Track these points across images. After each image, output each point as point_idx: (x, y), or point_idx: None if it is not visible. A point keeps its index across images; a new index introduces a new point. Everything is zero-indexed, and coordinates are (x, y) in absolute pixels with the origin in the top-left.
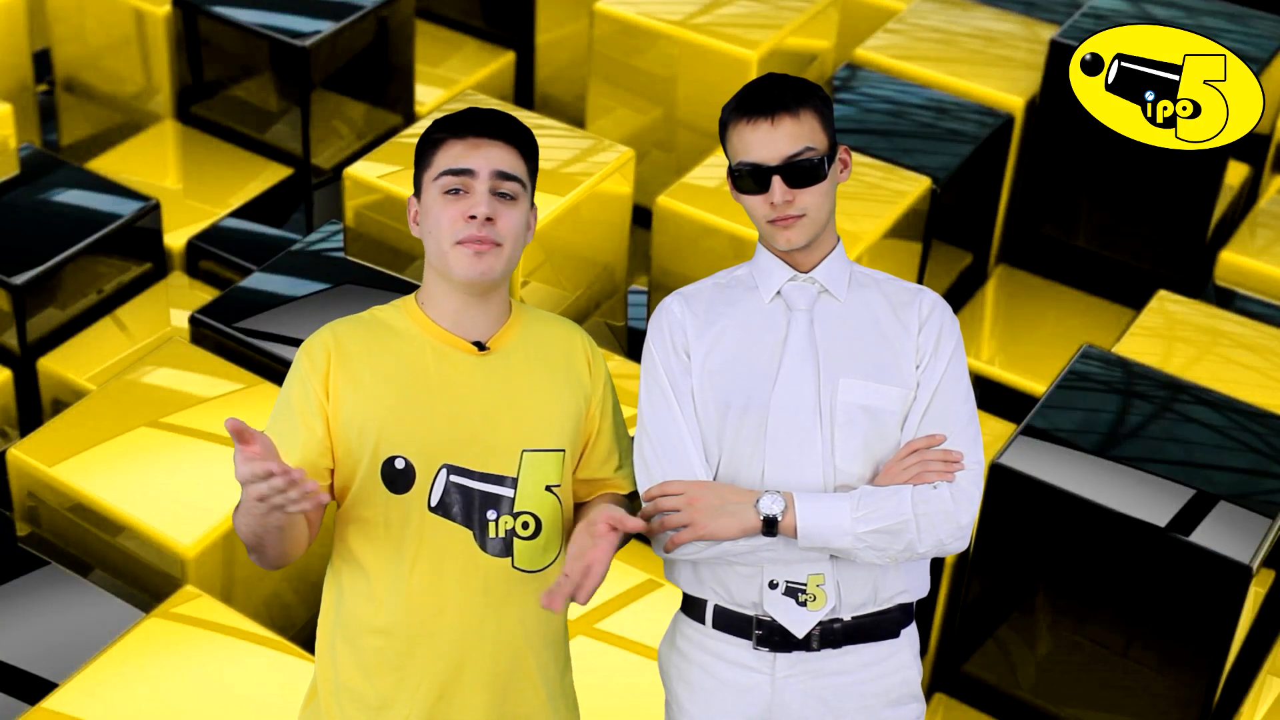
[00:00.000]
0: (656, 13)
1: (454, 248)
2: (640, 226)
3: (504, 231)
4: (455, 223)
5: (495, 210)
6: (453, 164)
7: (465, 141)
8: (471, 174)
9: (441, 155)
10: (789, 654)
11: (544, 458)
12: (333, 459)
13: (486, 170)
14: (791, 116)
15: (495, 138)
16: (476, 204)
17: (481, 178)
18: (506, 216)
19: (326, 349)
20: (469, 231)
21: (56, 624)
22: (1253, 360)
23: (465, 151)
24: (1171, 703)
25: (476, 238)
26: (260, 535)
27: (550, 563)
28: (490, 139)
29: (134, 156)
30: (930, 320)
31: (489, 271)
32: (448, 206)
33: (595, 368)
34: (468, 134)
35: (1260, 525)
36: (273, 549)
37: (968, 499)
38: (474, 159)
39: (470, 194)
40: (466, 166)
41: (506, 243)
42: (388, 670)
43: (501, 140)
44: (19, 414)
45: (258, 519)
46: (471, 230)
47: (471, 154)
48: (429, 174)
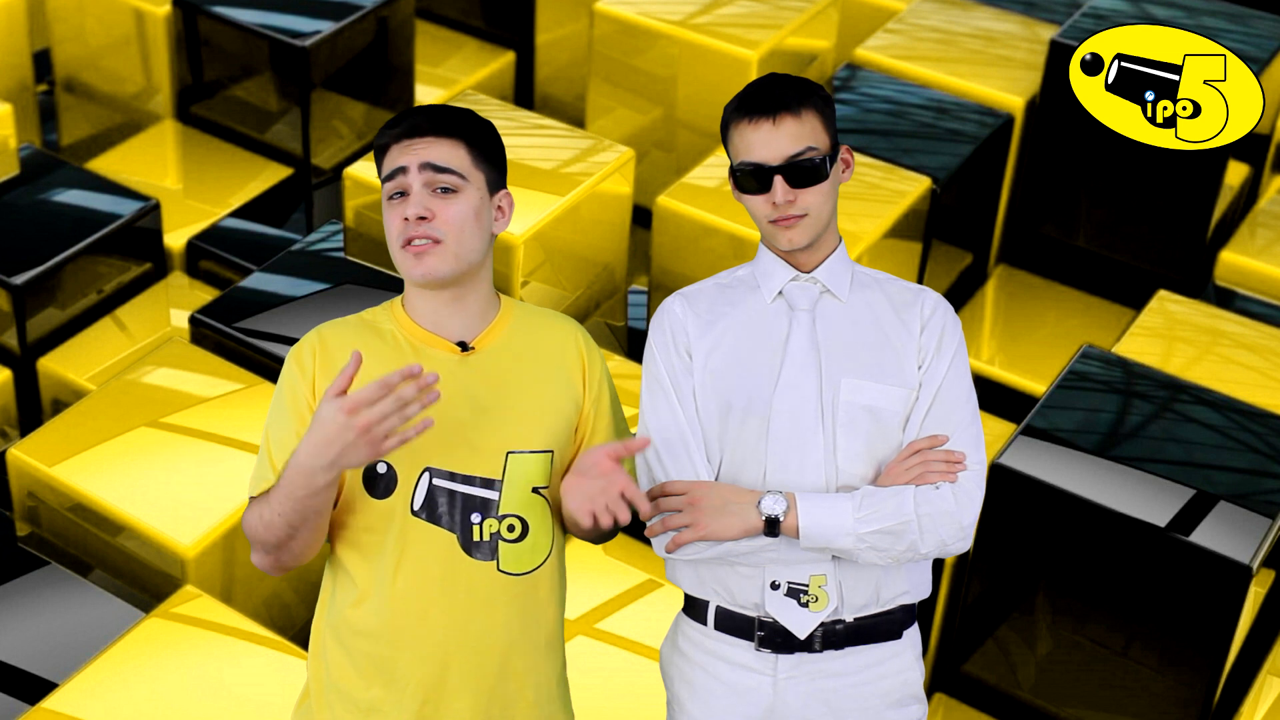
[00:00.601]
0: (656, 13)
1: (400, 251)
2: (640, 226)
3: (443, 225)
4: (396, 226)
5: (430, 206)
6: (389, 167)
7: (399, 144)
8: (404, 171)
9: (384, 161)
10: (791, 655)
11: (530, 459)
12: None
13: (415, 166)
14: (793, 116)
15: (426, 134)
16: (410, 204)
17: (412, 174)
18: (445, 209)
19: (313, 352)
20: (408, 232)
21: (56, 624)
22: (1253, 360)
23: (398, 153)
24: (1171, 703)
25: (411, 237)
26: (304, 518)
27: (537, 566)
28: (421, 136)
29: (134, 156)
30: (932, 320)
31: (432, 270)
32: (392, 211)
33: (590, 366)
34: (400, 136)
35: (1260, 525)
36: (305, 535)
37: (970, 500)
38: (405, 158)
39: (407, 194)
40: (397, 166)
41: (449, 236)
42: (375, 673)
43: (434, 135)
44: (19, 414)
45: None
46: (409, 231)
47: (402, 154)
48: (382, 184)
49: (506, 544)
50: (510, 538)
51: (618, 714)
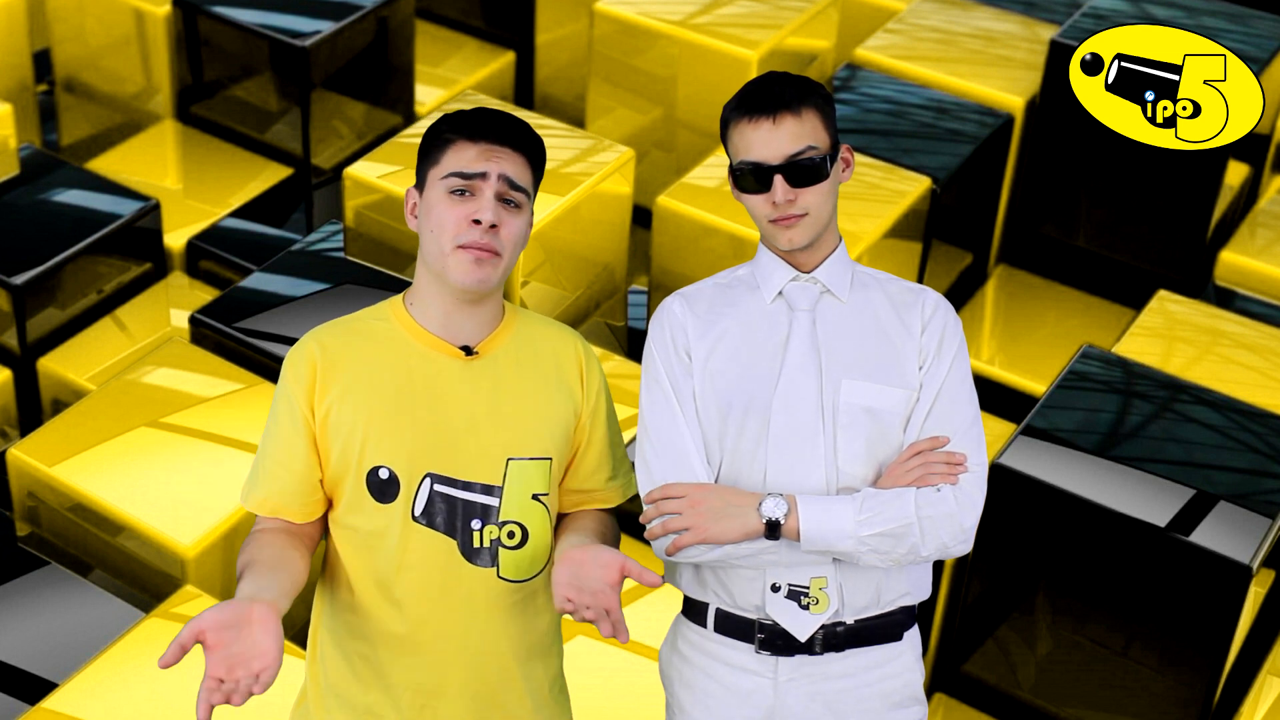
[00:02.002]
0: (656, 13)
1: (455, 251)
2: (640, 226)
3: (506, 240)
4: (460, 225)
5: (500, 218)
6: (464, 167)
7: (478, 145)
8: (483, 178)
9: (452, 155)
10: (791, 658)
11: (530, 466)
12: (322, 471)
13: (497, 177)
14: (793, 115)
15: (508, 145)
16: (483, 209)
17: (491, 183)
18: (510, 225)
19: (310, 360)
20: (472, 237)
21: (56, 624)
22: (1253, 360)
23: (478, 156)
24: (1171, 703)
25: (479, 244)
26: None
27: (537, 573)
28: (504, 146)
29: (134, 156)
30: (933, 321)
31: (486, 280)
32: (453, 207)
33: (589, 376)
34: (482, 138)
35: (1260, 525)
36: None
37: (971, 502)
38: (486, 164)
39: (477, 197)
40: (479, 170)
41: (506, 252)
42: (372, 678)
43: (514, 148)
44: (19, 414)
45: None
46: (474, 236)
47: (484, 159)
48: (435, 171)
49: (506, 551)
50: (510, 544)
51: (617, 714)
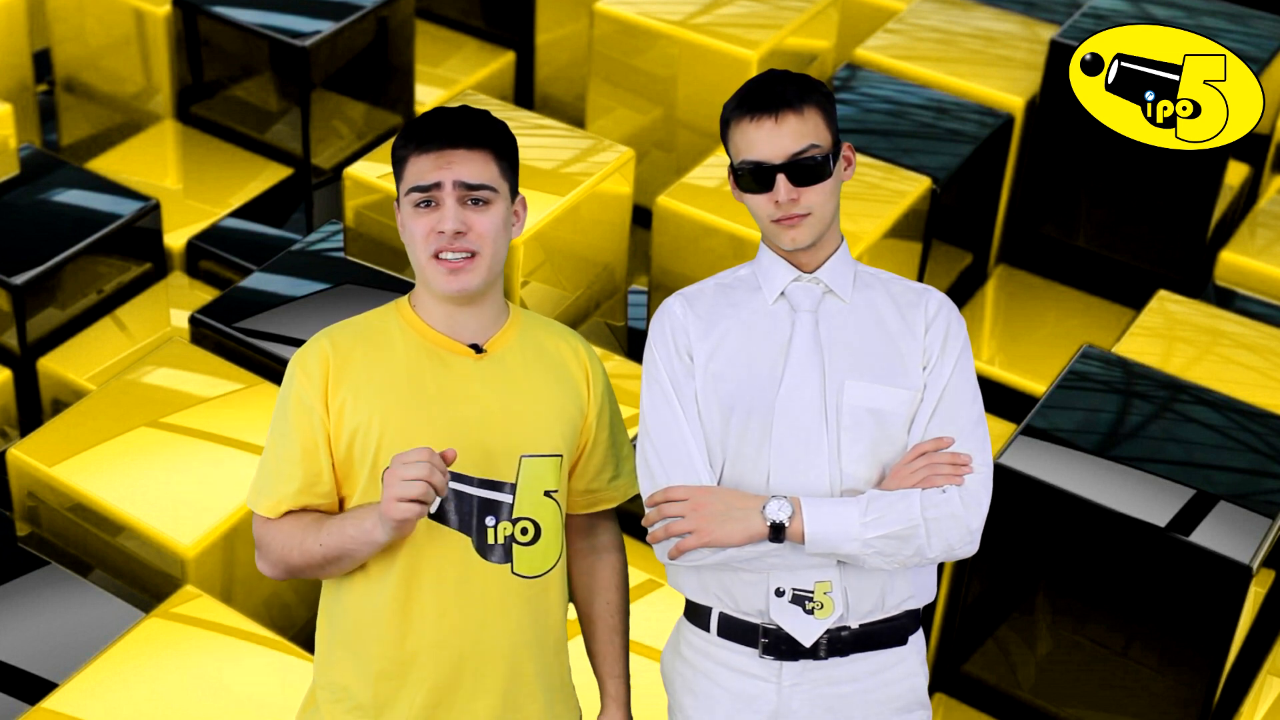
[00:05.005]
0: (656, 13)
1: (430, 262)
2: (640, 226)
3: (479, 238)
4: (428, 236)
5: (466, 220)
6: (420, 179)
7: (431, 155)
8: (438, 188)
9: (411, 169)
10: (795, 662)
11: (542, 463)
12: (334, 469)
13: (452, 184)
14: (795, 113)
15: (460, 145)
16: (444, 219)
17: (447, 191)
18: (480, 223)
19: (323, 357)
20: (440, 245)
21: (56, 624)
22: (1253, 360)
23: (432, 166)
24: (1171, 703)
25: (450, 251)
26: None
27: (550, 568)
28: (454, 148)
29: (134, 156)
30: (937, 321)
31: (466, 286)
32: (419, 219)
33: (593, 376)
34: (434, 146)
35: (1260, 525)
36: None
37: (977, 503)
38: (439, 173)
39: (439, 207)
40: (433, 181)
41: (485, 248)
42: (386, 676)
43: (466, 147)
44: (19, 414)
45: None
46: (442, 244)
47: (437, 169)
48: (401, 186)
49: (520, 547)
50: (524, 541)
51: None
